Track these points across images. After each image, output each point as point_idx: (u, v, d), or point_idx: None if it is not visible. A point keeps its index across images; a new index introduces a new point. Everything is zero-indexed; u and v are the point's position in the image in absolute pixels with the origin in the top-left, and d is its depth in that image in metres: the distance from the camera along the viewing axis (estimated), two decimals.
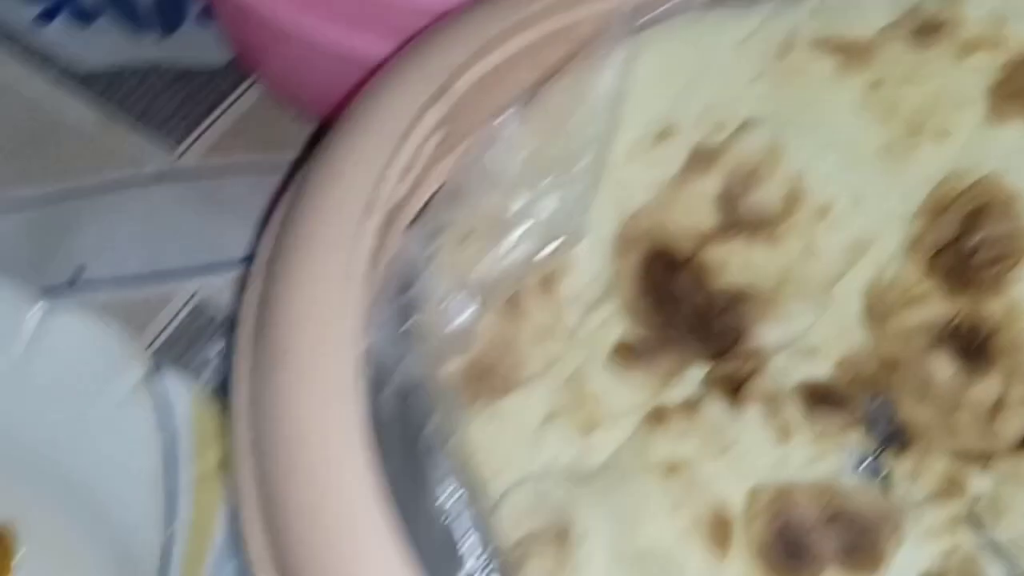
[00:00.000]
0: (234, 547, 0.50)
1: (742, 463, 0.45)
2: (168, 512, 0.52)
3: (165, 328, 0.59)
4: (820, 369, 0.47)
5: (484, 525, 0.41)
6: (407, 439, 0.40)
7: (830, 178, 0.45)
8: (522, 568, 0.42)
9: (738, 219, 0.46)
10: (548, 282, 0.47)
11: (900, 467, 0.46)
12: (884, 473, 0.46)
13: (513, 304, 0.46)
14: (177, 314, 0.59)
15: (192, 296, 0.60)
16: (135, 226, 0.61)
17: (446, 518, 0.40)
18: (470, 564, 0.40)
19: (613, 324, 0.48)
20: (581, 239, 0.45)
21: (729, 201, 0.46)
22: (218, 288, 0.60)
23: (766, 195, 0.46)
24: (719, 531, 0.44)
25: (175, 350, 0.59)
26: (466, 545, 0.40)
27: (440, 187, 0.45)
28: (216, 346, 0.59)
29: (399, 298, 0.43)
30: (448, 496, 0.41)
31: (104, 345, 0.53)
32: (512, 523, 0.44)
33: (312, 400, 0.36)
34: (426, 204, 0.45)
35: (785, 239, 0.46)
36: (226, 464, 0.50)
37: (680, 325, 0.47)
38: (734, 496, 0.45)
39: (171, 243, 0.61)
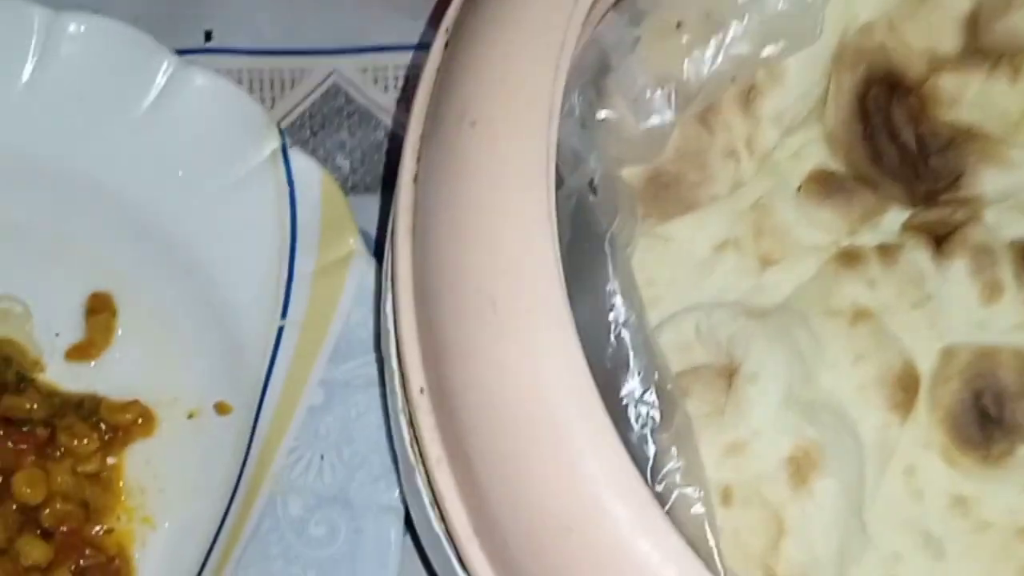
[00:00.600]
0: (377, 341, 0.46)
1: (939, 319, 0.40)
2: (284, 302, 0.48)
3: (297, 106, 0.54)
4: None
5: (647, 349, 0.35)
6: (585, 235, 0.35)
7: None
8: (686, 400, 0.37)
9: (984, 46, 0.40)
10: (750, 94, 0.41)
11: None
12: None
13: (710, 113, 0.41)
14: (311, 93, 0.54)
15: (329, 75, 0.54)
16: None
17: (615, 329, 0.35)
18: (631, 384, 0.35)
19: (812, 152, 0.43)
20: (805, 46, 0.39)
21: (977, 23, 0.40)
22: (356, 71, 0.55)
23: (1022, 22, 0.39)
24: (904, 390, 0.39)
25: (305, 131, 0.53)
26: (631, 362, 0.35)
27: None
28: (348, 130, 0.54)
29: (593, 85, 0.37)
30: (615, 310, 0.35)
31: (236, 111, 0.49)
32: (675, 353, 0.39)
33: (503, 174, 0.31)
34: None
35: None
36: (370, 251, 0.45)
37: (888, 161, 0.42)
38: (926, 354, 0.40)
39: (310, 19, 0.55)
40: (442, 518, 0.34)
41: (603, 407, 0.30)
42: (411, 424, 0.35)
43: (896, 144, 0.41)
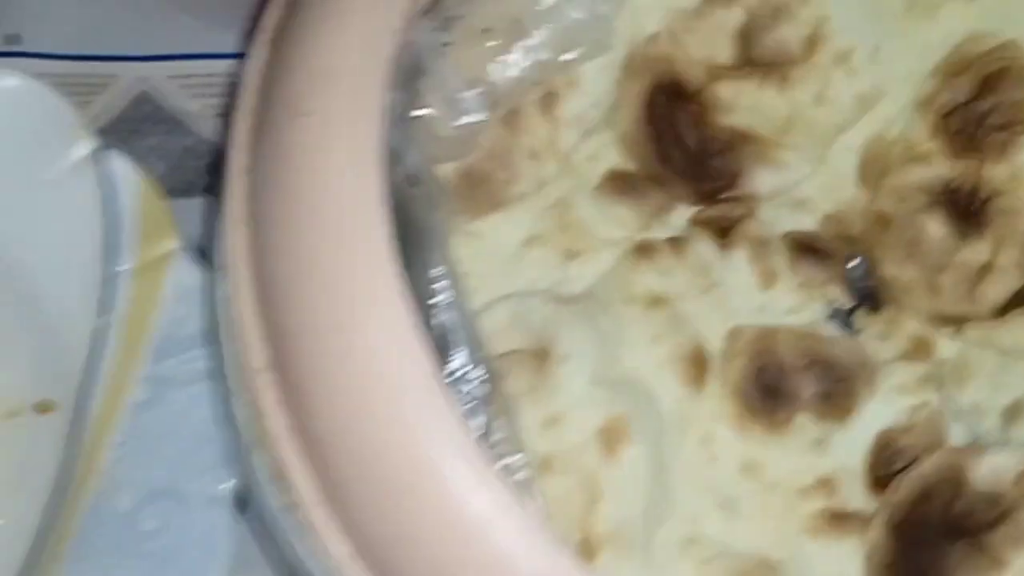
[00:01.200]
0: (214, 332, 0.48)
1: (725, 303, 0.45)
2: (103, 301, 0.49)
3: (106, 111, 0.55)
4: (807, 222, 0.46)
5: (470, 329, 0.39)
6: (406, 227, 0.38)
7: (853, 26, 0.45)
8: (504, 380, 0.40)
9: (755, 57, 0.45)
10: (550, 100, 0.45)
11: (872, 326, 0.46)
12: (856, 330, 0.46)
13: (514, 116, 0.44)
14: (120, 98, 0.55)
15: (137, 82, 0.56)
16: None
17: (438, 313, 0.38)
18: (457, 362, 0.38)
19: (607, 153, 0.47)
20: (599, 55, 0.43)
21: (749, 36, 0.45)
22: (164, 78, 0.56)
23: (788, 34, 0.45)
24: (697, 367, 0.44)
25: (115, 136, 0.55)
26: (457, 341, 0.38)
27: None
28: (158, 136, 0.56)
29: (408, 86, 0.40)
30: (440, 293, 0.39)
31: (48, 113, 0.50)
32: (494, 337, 0.42)
33: (338, 159, 0.34)
34: None
35: (798, 83, 0.46)
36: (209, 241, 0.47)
37: (675, 162, 0.46)
38: (714, 335, 0.44)
39: (119, 26, 0.56)
40: (286, 489, 0.36)
41: (438, 373, 0.33)
42: (252, 403, 0.37)
43: (680, 147, 0.46)
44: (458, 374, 0.39)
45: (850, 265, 0.47)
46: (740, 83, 0.46)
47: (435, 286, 0.39)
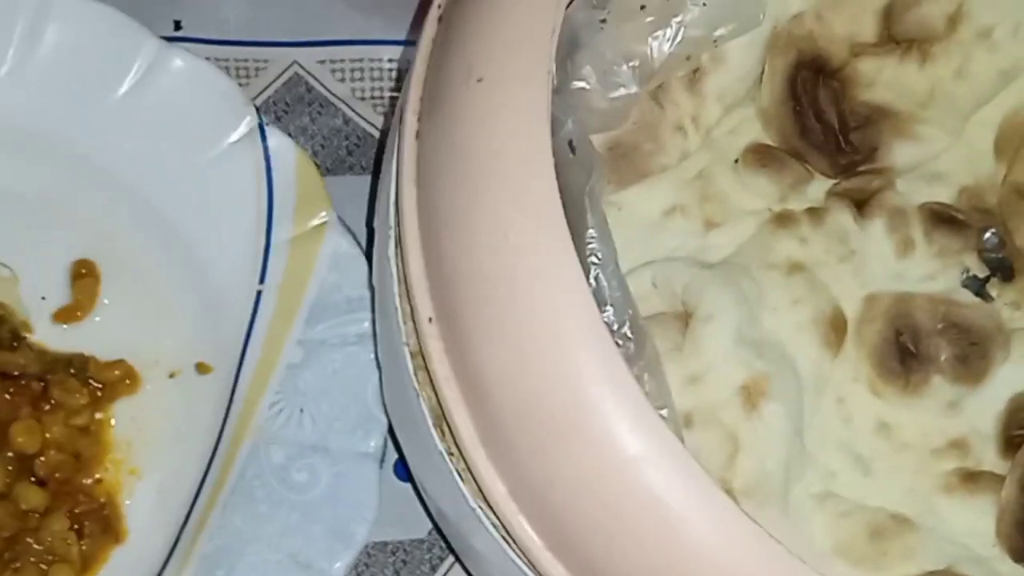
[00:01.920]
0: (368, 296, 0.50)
1: (863, 270, 0.46)
2: (262, 268, 0.52)
3: (262, 92, 0.58)
4: (944, 194, 0.48)
5: (622, 288, 0.41)
6: (565, 189, 0.40)
7: (995, 3, 0.46)
8: (649, 339, 0.42)
9: (896, 34, 0.47)
10: (697, 75, 0.47)
11: (1006, 295, 0.47)
12: (990, 299, 0.47)
13: (661, 91, 0.47)
14: (274, 81, 0.58)
15: (290, 66, 0.59)
16: None
17: (593, 271, 0.40)
18: (609, 318, 0.40)
19: (749, 127, 0.48)
20: (749, 30, 0.45)
21: (892, 14, 0.47)
22: (314, 62, 0.59)
23: (931, 11, 0.46)
24: (835, 330, 0.45)
25: (270, 116, 0.58)
26: (609, 299, 0.40)
27: None
28: (308, 116, 0.59)
29: (567, 59, 0.43)
30: (594, 254, 0.41)
31: (215, 90, 0.53)
32: (639, 300, 0.44)
33: (510, 121, 0.36)
34: None
35: (939, 58, 0.47)
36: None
37: (814, 136, 0.48)
38: (852, 300, 0.46)
39: (272, 12, 0.60)
40: (447, 434, 0.39)
41: (601, 318, 0.35)
42: (418, 353, 0.39)
43: (821, 122, 0.47)
44: (613, 328, 0.41)
45: (985, 236, 0.47)
46: (881, 59, 0.47)
47: (593, 244, 0.41)
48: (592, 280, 0.41)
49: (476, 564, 0.46)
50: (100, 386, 0.50)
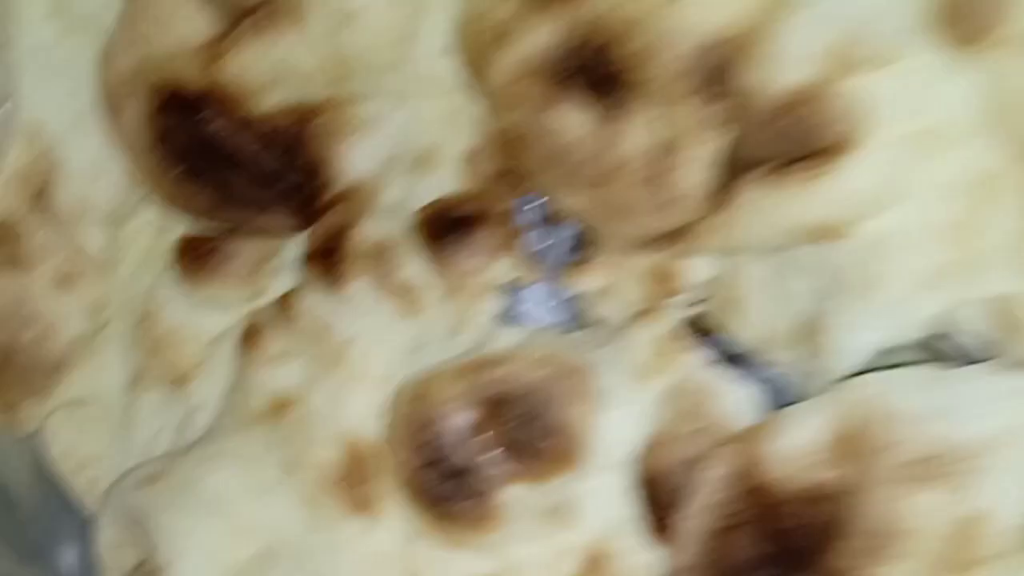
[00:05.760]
0: None
1: (366, 367, 0.30)
2: None
3: None
4: (446, 180, 0.30)
5: None
6: None
7: None
8: None
9: (237, 5, 0.29)
10: (39, 198, 0.32)
11: (585, 281, 0.29)
12: (570, 299, 0.29)
13: (2, 247, 0.32)
14: None
15: None
16: None
17: None
18: None
19: (159, 228, 0.32)
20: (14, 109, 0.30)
21: None
22: None
23: None
24: (354, 480, 0.29)
25: None
26: None
27: None
28: None
29: None
30: None
31: None
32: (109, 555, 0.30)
33: None
34: None
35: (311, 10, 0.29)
36: None
37: (240, 190, 0.31)
38: (367, 418, 0.30)
39: None
40: None
41: None
42: None
43: (234, 166, 0.31)
44: None
45: (523, 210, 0.30)
46: (245, 49, 0.30)
47: None
48: None
49: None
50: None
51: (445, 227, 0.30)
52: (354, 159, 0.31)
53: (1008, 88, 0.24)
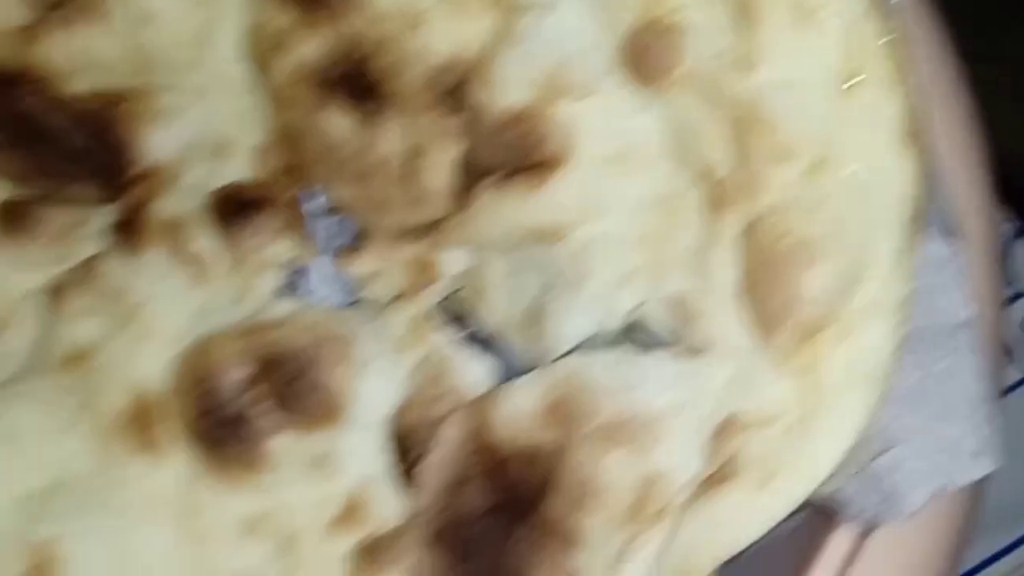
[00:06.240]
0: None
1: (157, 326, 0.33)
2: None
3: None
4: (239, 168, 0.34)
5: None
6: None
7: None
8: None
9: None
10: None
11: (359, 270, 0.33)
12: (346, 281, 0.34)
13: None
14: None
15: None
16: None
17: None
18: None
19: None
20: None
21: None
22: None
23: None
24: (142, 424, 0.33)
25: None
26: None
27: None
28: None
29: None
30: None
31: None
32: None
33: None
34: None
35: (114, 8, 0.32)
36: None
37: (52, 163, 0.34)
38: (156, 374, 0.33)
39: None
40: None
41: None
42: None
43: (51, 140, 0.34)
44: None
45: (306, 204, 0.34)
46: (58, 39, 0.33)
47: None
48: None
49: None
50: None
51: (234, 208, 0.35)
52: (156, 143, 0.35)
53: (682, 121, 0.30)
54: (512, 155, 0.30)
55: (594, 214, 0.30)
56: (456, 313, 0.33)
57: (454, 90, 0.31)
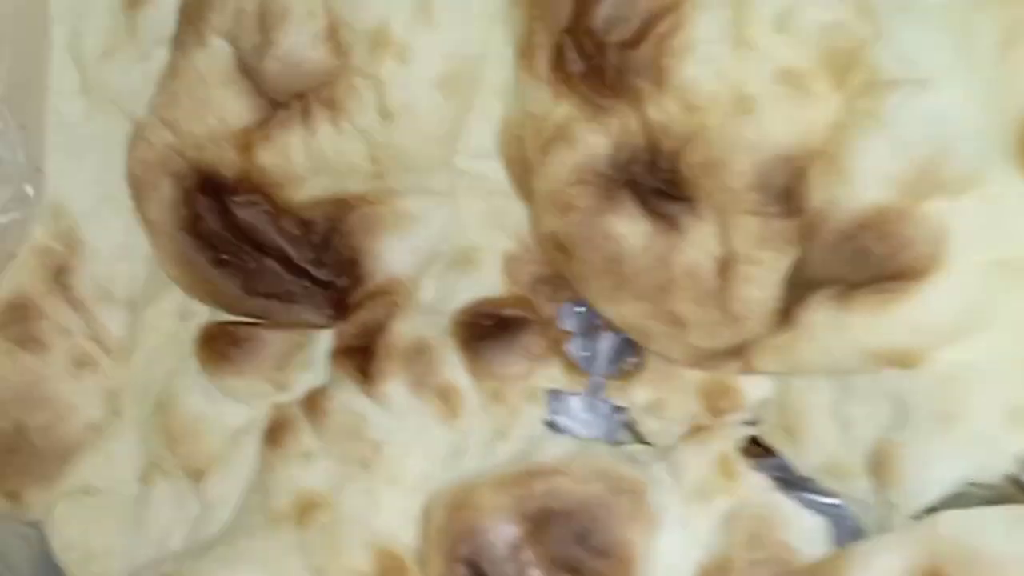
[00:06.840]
0: None
1: (401, 470, 0.28)
2: None
3: None
4: (488, 280, 0.28)
5: None
6: None
7: None
8: None
9: (278, 95, 0.28)
10: (60, 277, 0.31)
11: (636, 398, 0.27)
12: (610, 412, 0.28)
13: (20, 324, 0.30)
14: None
15: None
16: None
17: None
18: None
19: (181, 314, 0.31)
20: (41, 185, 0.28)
21: (255, 74, 0.27)
22: None
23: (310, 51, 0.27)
24: None
25: None
26: None
27: None
28: None
29: None
30: None
31: None
32: None
33: None
34: None
35: (346, 103, 0.27)
36: None
37: (271, 280, 0.29)
38: (401, 524, 0.28)
39: None
40: None
41: None
42: None
43: (264, 255, 0.29)
44: None
45: (564, 319, 0.28)
46: (285, 137, 0.28)
47: None
48: None
49: None
50: None
51: (485, 330, 0.29)
52: (392, 255, 0.30)
53: None
54: (859, 265, 0.24)
55: (969, 333, 0.24)
56: (764, 451, 0.27)
57: (783, 190, 0.25)
